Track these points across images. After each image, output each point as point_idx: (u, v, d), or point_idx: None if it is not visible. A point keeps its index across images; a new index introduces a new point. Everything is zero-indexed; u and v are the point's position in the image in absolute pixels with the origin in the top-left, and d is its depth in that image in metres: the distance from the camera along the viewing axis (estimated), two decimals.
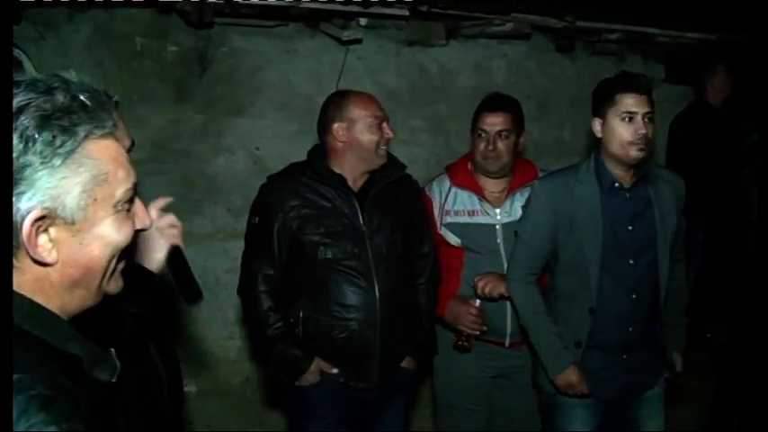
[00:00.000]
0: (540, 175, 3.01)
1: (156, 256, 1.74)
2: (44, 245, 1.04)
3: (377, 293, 2.63)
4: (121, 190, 1.11)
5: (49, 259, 1.04)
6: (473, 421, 3.12)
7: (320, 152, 2.76)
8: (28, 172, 1.00)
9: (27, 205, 1.00)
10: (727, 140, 4.14)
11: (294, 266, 2.67)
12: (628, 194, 2.64)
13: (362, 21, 3.99)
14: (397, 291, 2.70)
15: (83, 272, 1.09)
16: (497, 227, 2.94)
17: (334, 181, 2.67)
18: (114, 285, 1.17)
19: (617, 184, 2.62)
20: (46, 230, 1.03)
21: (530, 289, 2.71)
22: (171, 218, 1.77)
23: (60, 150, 1.02)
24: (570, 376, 2.63)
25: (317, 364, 2.68)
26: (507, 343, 2.98)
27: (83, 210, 1.06)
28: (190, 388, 3.96)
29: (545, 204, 2.66)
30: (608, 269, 2.60)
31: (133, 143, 1.94)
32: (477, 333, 2.91)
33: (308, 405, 2.73)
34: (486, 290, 2.83)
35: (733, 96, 4.74)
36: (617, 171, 2.61)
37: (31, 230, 1.01)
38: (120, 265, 1.17)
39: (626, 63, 4.98)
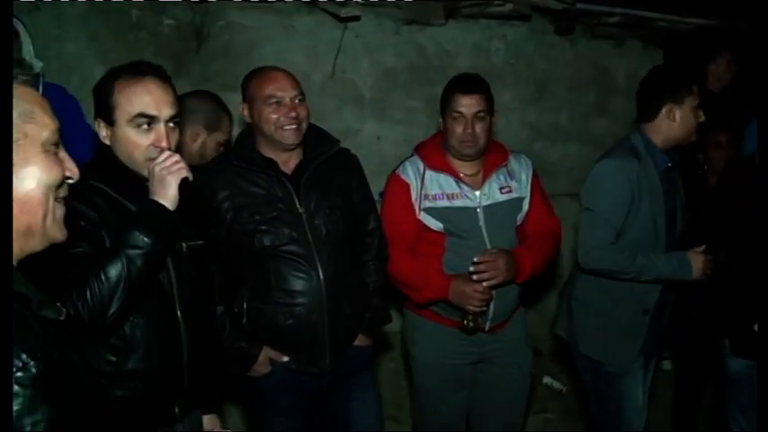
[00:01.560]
0: (515, 154, 3.01)
1: (169, 193, 1.86)
2: None
3: (321, 276, 2.53)
4: (47, 131, 1.20)
5: None
6: (452, 407, 3.09)
7: (248, 136, 2.67)
8: None
9: None
10: (727, 127, 4.14)
11: (233, 257, 2.57)
12: (671, 173, 2.95)
13: None
14: (343, 271, 2.60)
15: (21, 208, 1.16)
16: (478, 210, 2.86)
17: (264, 166, 2.56)
18: (58, 231, 1.24)
19: (669, 164, 2.89)
20: None
21: (614, 248, 2.82)
22: (174, 156, 1.90)
23: None
24: (699, 261, 2.84)
25: (267, 354, 2.61)
26: (487, 327, 2.94)
27: (15, 145, 1.15)
28: None
29: (623, 183, 2.79)
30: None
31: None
32: (484, 309, 2.85)
33: (262, 394, 2.67)
34: (485, 277, 2.81)
35: (732, 84, 4.73)
36: (667, 152, 2.89)
37: None
38: (60, 212, 1.24)
39: (625, 47, 4.98)
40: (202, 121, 2.92)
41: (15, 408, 1.01)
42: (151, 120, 1.92)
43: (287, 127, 2.52)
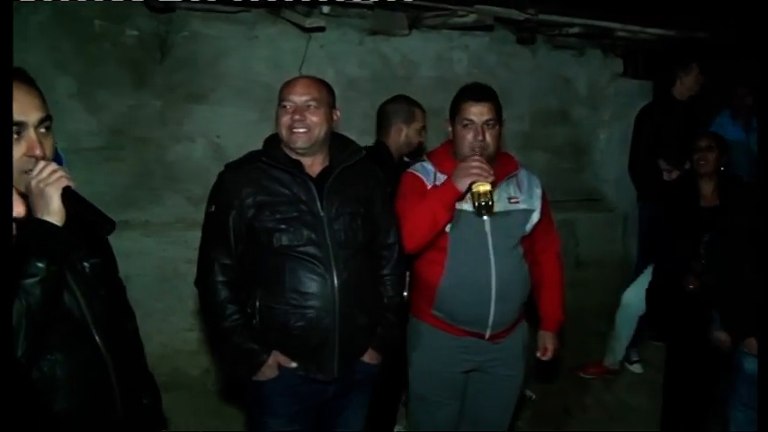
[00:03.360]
0: (526, 169, 3.06)
1: (52, 208, 1.69)
2: None
3: (335, 280, 2.55)
4: None
5: None
6: (445, 414, 3.11)
7: (277, 138, 2.71)
8: None
9: None
10: (691, 133, 4.24)
11: (251, 255, 2.60)
12: None
13: (325, 9, 3.97)
14: (357, 279, 2.62)
15: None
16: (485, 218, 2.92)
17: (291, 166, 2.60)
18: None
19: None
20: None
21: None
22: (50, 165, 1.72)
23: None
24: None
25: (276, 358, 2.61)
26: (487, 335, 2.95)
27: None
28: None
29: None
30: None
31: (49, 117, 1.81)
32: (491, 179, 2.75)
33: (267, 400, 2.67)
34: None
35: (699, 93, 4.85)
36: None
37: None
38: None
39: (586, 57, 5.06)
40: (402, 119, 3.57)
41: None
42: (19, 127, 1.70)
43: (295, 130, 2.55)
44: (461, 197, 2.81)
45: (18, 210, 1.28)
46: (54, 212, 1.69)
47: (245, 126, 3.91)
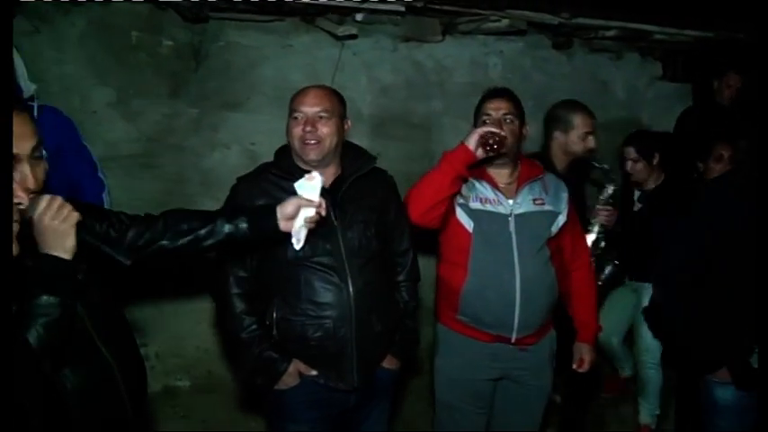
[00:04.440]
0: (553, 174, 3.09)
1: (68, 246, 1.69)
2: None
3: (350, 289, 2.56)
4: None
5: None
6: (472, 423, 3.08)
7: (288, 149, 2.73)
8: None
9: None
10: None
11: (266, 266, 2.61)
12: None
13: (358, 16, 3.98)
14: (373, 286, 2.63)
15: None
16: (510, 218, 2.90)
17: (302, 177, 2.58)
18: None
19: None
20: None
21: None
22: (57, 199, 1.68)
23: None
24: None
25: (296, 366, 2.63)
26: (513, 338, 2.93)
27: None
28: (183, 383, 3.98)
29: None
30: None
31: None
32: (500, 133, 2.78)
33: (288, 408, 2.68)
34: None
35: (738, 98, 4.76)
36: None
37: None
38: None
39: (623, 60, 5.00)
40: (558, 127, 3.56)
41: None
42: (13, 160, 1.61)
43: (307, 142, 2.58)
44: (473, 164, 2.81)
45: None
46: (69, 250, 1.68)
47: (279, 133, 3.85)
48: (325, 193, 2.52)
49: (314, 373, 2.64)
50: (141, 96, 3.76)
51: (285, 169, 2.64)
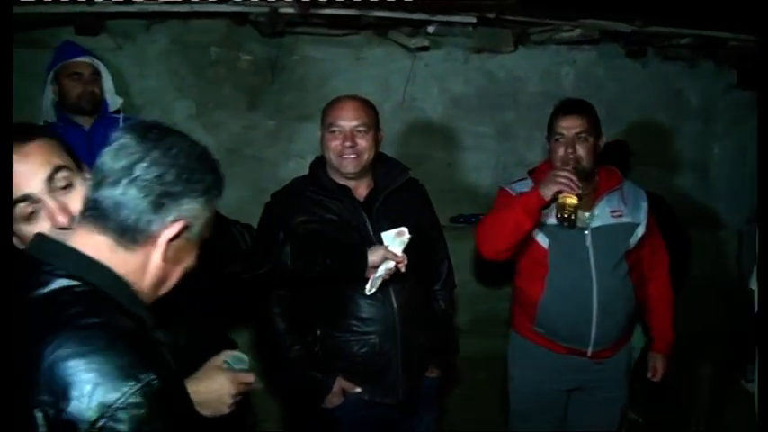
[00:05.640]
0: (632, 182, 3.01)
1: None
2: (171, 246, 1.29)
3: (394, 304, 2.55)
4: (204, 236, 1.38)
5: (166, 256, 1.30)
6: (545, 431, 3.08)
7: (321, 163, 2.71)
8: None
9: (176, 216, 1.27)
10: None
11: (307, 284, 2.57)
12: None
13: (430, 29, 4.01)
14: (414, 299, 2.62)
15: (168, 275, 1.36)
16: (586, 232, 2.86)
17: (339, 193, 2.60)
18: (163, 292, 1.38)
19: None
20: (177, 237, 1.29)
21: None
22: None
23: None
24: None
25: (340, 384, 2.61)
26: (589, 352, 2.90)
27: (197, 236, 1.35)
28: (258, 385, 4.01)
29: None
30: None
31: None
32: (578, 192, 2.73)
33: (334, 427, 2.66)
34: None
35: None
36: None
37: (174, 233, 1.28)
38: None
39: (697, 68, 4.92)
40: None
41: (138, 413, 1.09)
42: (27, 202, 1.47)
43: (345, 156, 2.56)
44: (546, 206, 2.78)
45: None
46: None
47: None
48: (360, 206, 2.57)
49: (358, 390, 2.62)
50: (220, 109, 3.87)
51: (321, 184, 2.63)
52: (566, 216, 2.71)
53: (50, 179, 1.47)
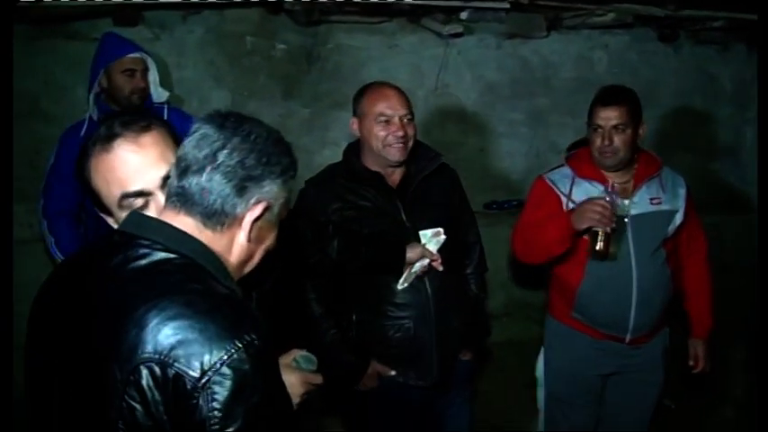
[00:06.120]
0: (670, 168, 3.00)
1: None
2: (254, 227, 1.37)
3: (428, 289, 2.57)
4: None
5: (250, 236, 1.37)
6: (582, 417, 3.08)
7: (355, 150, 2.72)
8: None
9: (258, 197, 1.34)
10: None
11: (346, 274, 2.61)
12: None
13: (463, 15, 4.01)
14: (448, 284, 2.64)
15: (252, 254, 1.43)
16: (626, 219, 2.84)
17: (373, 180, 2.61)
18: (247, 271, 1.46)
19: None
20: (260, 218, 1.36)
21: None
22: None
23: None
24: None
25: (375, 368, 2.64)
26: (628, 339, 2.90)
27: (277, 216, 1.42)
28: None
29: None
30: None
31: None
32: (612, 227, 2.71)
33: (370, 409, 2.71)
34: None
35: None
36: None
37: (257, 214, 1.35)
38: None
39: (730, 52, 4.88)
40: None
41: (242, 369, 1.17)
42: (141, 196, 1.52)
43: (395, 145, 2.57)
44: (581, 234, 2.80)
45: None
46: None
47: None
48: (393, 193, 2.60)
49: (392, 373, 2.65)
50: (256, 98, 3.90)
51: (356, 172, 2.65)
52: (598, 249, 2.72)
53: (166, 177, 1.46)
